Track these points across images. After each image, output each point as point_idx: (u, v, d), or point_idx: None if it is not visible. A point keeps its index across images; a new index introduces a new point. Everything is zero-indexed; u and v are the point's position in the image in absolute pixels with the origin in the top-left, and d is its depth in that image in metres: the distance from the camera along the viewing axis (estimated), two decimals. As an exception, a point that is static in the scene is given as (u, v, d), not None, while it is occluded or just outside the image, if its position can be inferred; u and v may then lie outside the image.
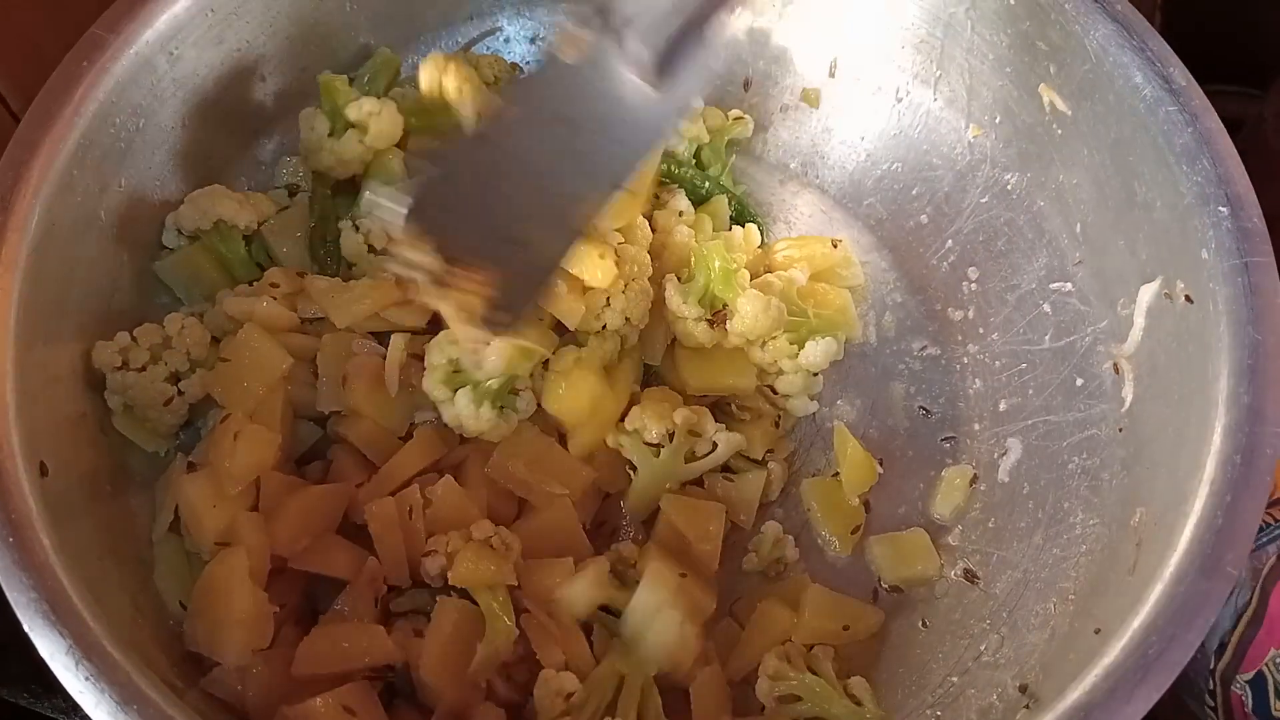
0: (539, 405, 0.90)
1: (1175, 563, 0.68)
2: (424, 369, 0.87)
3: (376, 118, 0.96)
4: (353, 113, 0.96)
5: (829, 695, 0.81)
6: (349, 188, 1.00)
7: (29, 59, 0.88)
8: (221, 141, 0.98)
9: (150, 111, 0.89)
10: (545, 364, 0.91)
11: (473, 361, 0.85)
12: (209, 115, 0.95)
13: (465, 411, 0.86)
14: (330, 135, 0.97)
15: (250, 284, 0.92)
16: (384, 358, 0.89)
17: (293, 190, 1.01)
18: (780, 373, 0.94)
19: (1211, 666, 0.85)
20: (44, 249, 0.79)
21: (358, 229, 0.95)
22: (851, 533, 0.92)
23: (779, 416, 0.96)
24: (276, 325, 0.89)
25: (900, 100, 1.05)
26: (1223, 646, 0.84)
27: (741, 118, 1.08)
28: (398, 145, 0.99)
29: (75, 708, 0.63)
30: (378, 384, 0.88)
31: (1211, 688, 0.85)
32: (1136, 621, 0.68)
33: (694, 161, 1.06)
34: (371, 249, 0.95)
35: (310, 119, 0.98)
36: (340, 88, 0.97)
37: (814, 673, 0.83)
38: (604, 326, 0.91)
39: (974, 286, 1.02)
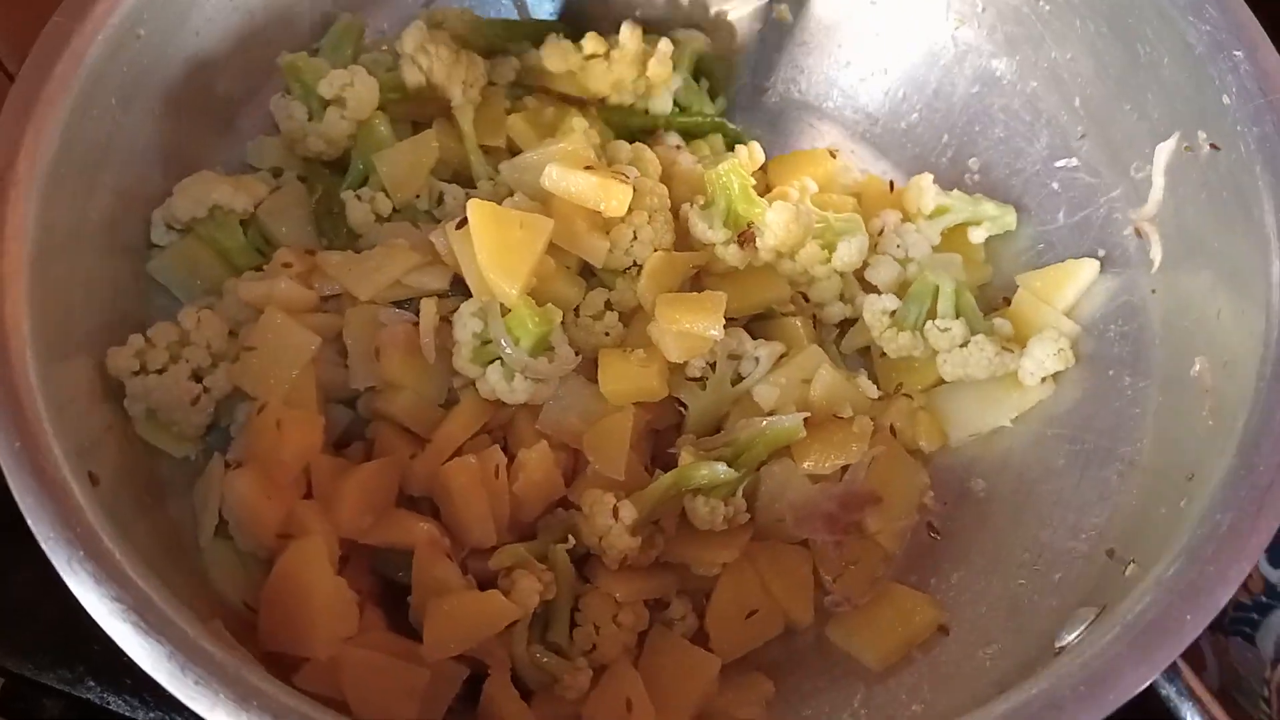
0: (578, 354, 0.87)
1: (1265, 393, 0.69)
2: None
3: (351, 89, 0.92)
4: (325, 90, 0.92)
5: None
6: (342, 159, 0.95)
7: (31, 24, 0.81)
8: (196, 129, 0.93)
9: (126, 100, 0.83)
10: (576, 310, 0.89)
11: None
12: (180, 102, 0.89)
13: (499, 386, 0.83)
14: (310, 119, 0.92)
15: (257, 269, 0.88)
16: (415, 325, 0.85)
17: (277, 172, 0.96)
18: (812, 280, 0.93)
19: (1267, 675, 0.86)
20: (43, 259, 0.74)
21: (360, 198, 0.91)
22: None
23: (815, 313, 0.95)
24: (297, 306, 0.85)
25: (874, 2, 1.04)
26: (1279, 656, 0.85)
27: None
28: (381, 109, 0.95)
29: (78, 679, 0.59)
30: (413, 353, 0.84)
31: (1267, 695, 0.86)
32: (1224, 463, 0.69)
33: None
34: (378, 217, 0.91)
35: (285, 108, 0.93)
36: (305, 66, 0.93)
37: None
38: (634, 263, 0.88)
39: (977, 177, 1.02)
